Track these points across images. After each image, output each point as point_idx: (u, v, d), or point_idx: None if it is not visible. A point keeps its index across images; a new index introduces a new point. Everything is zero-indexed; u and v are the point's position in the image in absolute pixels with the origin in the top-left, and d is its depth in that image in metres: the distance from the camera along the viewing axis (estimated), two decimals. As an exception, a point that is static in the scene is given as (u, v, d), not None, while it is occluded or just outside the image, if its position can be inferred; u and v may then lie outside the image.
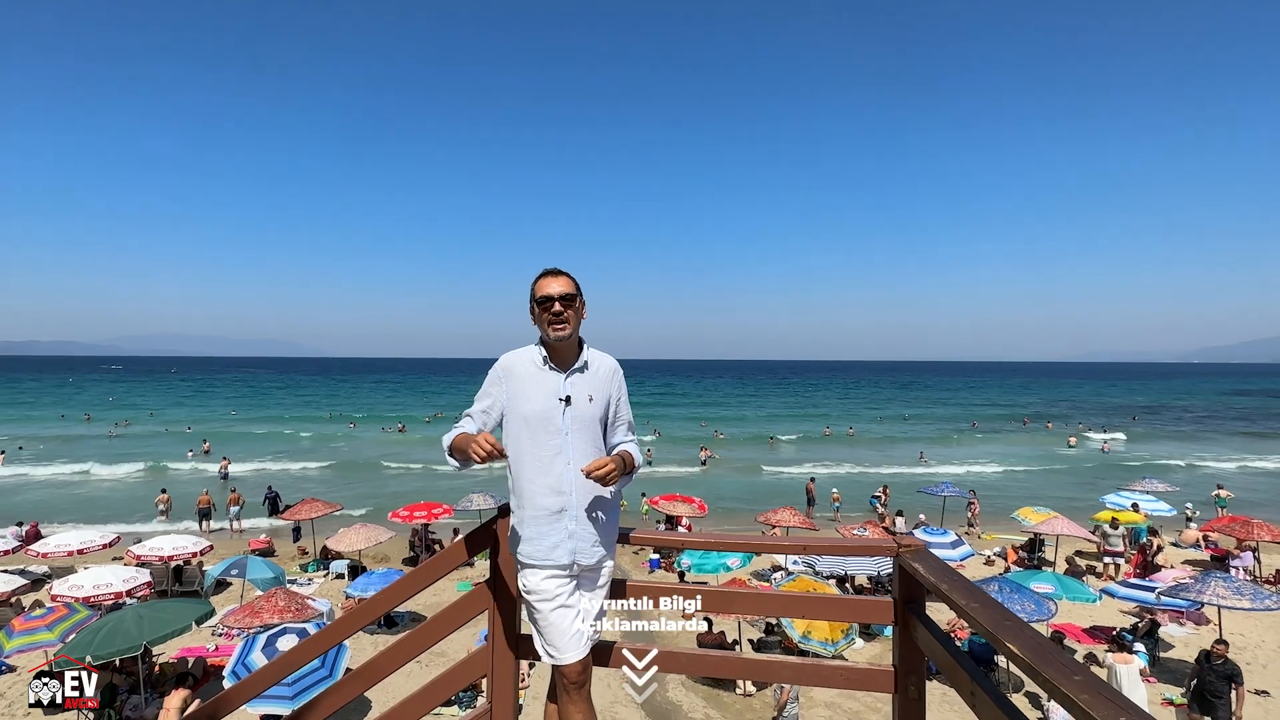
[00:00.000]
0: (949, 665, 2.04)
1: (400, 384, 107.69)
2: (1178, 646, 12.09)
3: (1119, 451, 40.43)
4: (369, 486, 27.76)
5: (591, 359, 2.44)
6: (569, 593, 2.34)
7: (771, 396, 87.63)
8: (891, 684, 2.37)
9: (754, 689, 10.62)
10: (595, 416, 2.38)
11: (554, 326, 2.32)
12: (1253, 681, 10.74)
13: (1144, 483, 22.05)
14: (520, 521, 2.35)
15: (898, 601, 2.34)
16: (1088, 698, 1.31)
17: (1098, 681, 1.38)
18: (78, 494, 26.25)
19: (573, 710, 2.33)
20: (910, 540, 2.37)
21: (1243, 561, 15.88)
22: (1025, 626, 1.70)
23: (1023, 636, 1.61)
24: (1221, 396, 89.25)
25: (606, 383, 2.44)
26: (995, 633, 1.66)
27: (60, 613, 10.17)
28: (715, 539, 3.58)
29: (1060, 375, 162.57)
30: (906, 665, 2.35)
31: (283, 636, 9.44)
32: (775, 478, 31.04)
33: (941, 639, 2.15)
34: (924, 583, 2.13)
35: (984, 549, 18.01)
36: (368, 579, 13.11)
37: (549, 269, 2.41)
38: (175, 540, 14.70)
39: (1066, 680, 1.38)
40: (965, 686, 1.89)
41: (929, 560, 2.22)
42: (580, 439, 2.34)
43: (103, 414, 54.09)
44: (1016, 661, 1.55)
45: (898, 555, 2.31)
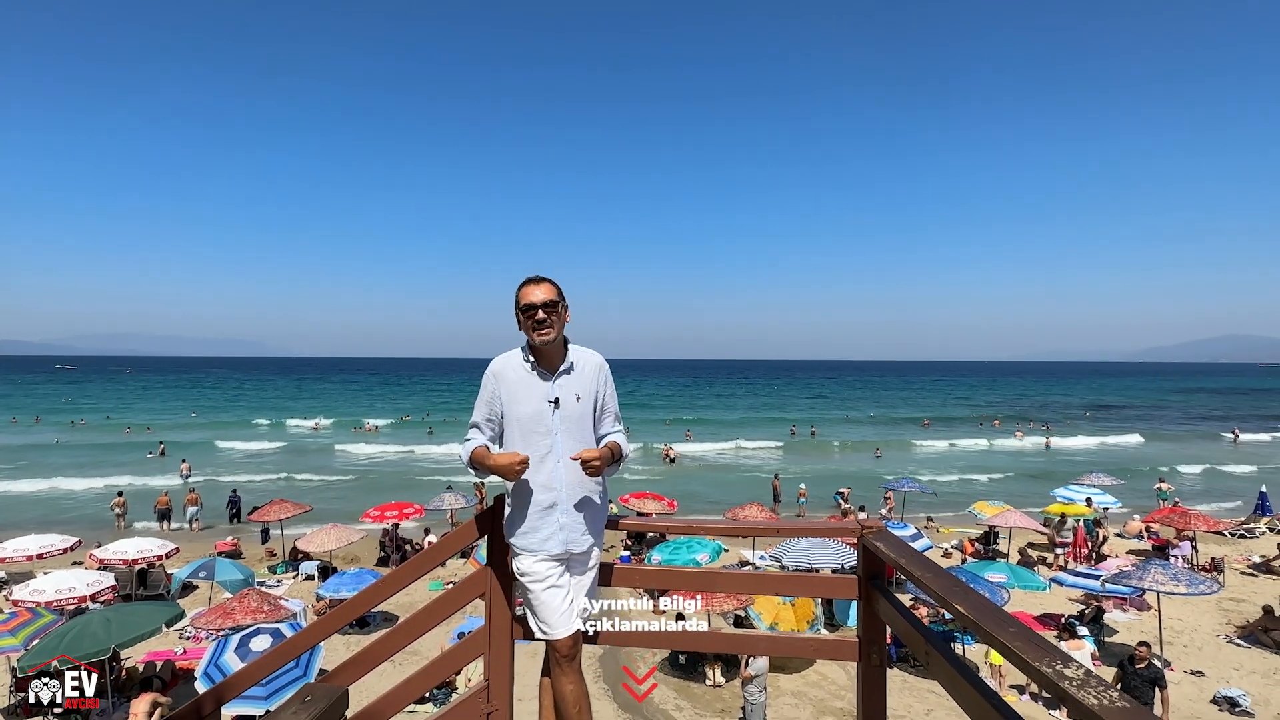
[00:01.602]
0: (907, 631, 2.32)
1: (369, 385, 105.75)
2: (1121, 631, 12.76)
3: (1068, 447, 42.01)
4: (337, 488, 27.44)
5: (577, 359, 2.58)
6: (559, 574, 2.53)
7: (739, 396, 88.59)
8: (856, 653, 2.65)
9: (723, 680, 10.93)
10: (583, 414, 2.55)
11: (538, 332, 2.47)
12: (1189, 663, 11.45)
13: (1091, 477, 23.08)
14: (514, 514, 2.55)
15: (861, 578, 2.62)
16: (1020, 644, 1.58)
17: (1030, 632, 1.66)
18: (31, 499, 25.39)
19: (564, 681, 2.55)
20: (872, 522, 2.65)
21: (1182, 551, 16.77)
22: (971, 591, 1.98)
23: (968, 599, 1.88)
24: (1165, 395, 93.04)
25: (593, 379, 2.59)
26: (946, 597, 1.94)
27: (23, 617, 9.96)
28: (696, 524, 3.79)
29: (1010, 374, 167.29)
30: (869, 635, 2.62)
31: (256, 637, 9.43)
32: (741, 475, 31.50)
33: (900, 609, 2.42)
34: (884, 558, 2.41)
35: (942, 542, 18.68)
36: (339, 579, 13.08)
37: (531, 277, 2.52)
38: (140, 543, 14.40)
39: (1003, 631, 1.66)
40: (921, 648, 2.17)
41: (889, 539, 2.49)
42: (569, 437, 2.51)
43: (55, 416, 52.13)
44: (962, 619, 1.82)
45: (861, 535, 2.59)
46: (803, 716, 9.99)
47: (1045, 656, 1.51)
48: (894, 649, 11.43)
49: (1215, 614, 13.57)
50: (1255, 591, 14.66)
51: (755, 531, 6.89)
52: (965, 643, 11.59)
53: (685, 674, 11.14)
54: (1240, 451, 40.01)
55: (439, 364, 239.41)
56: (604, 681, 10.74)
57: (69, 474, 29.60)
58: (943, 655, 2.06)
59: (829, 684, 10.78)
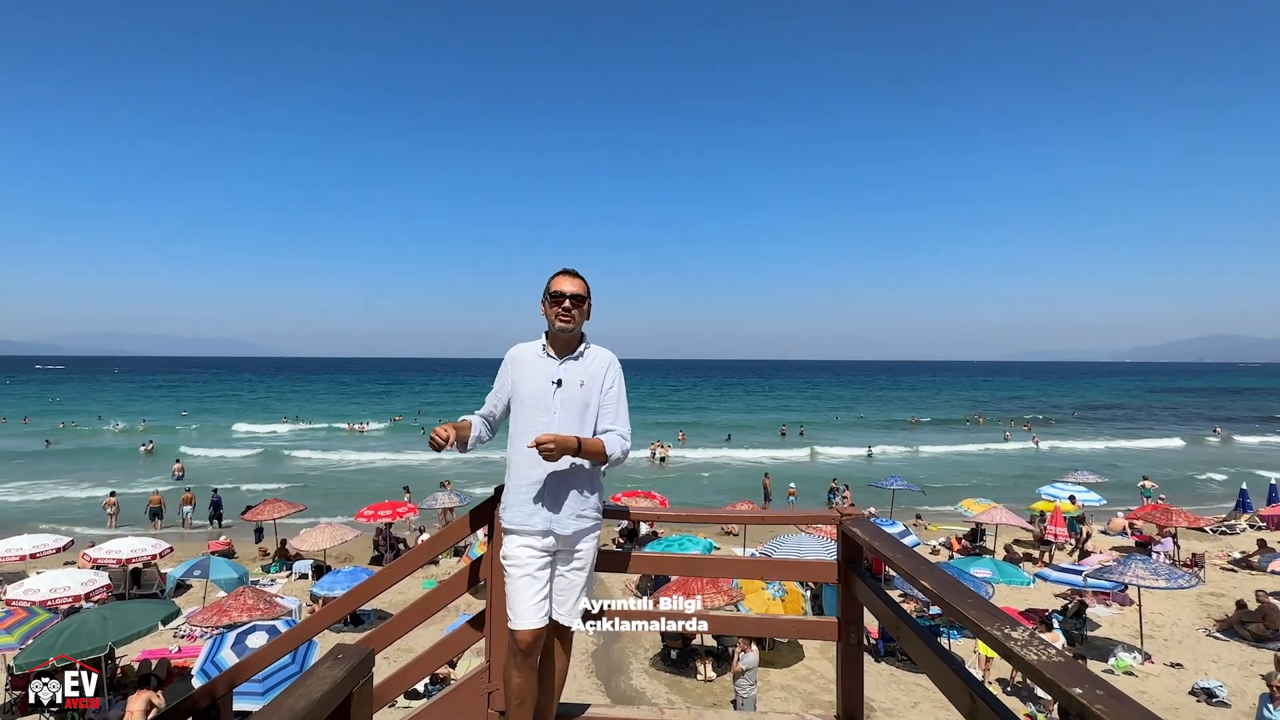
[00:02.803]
0: (881, 610, 2.49)
1: (360, 385, 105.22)
2: (1103, 626, 13.03)
3: (1054, 446, 42.51)
4: (328, 488, 27.44)
5: (590, 351, 2.72)
6: (539, 565, 2.58)
7: (729, 396, 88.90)
8: (835, 632, 2.83)
9: (714, 674, 11.11)
10: (585, 401, 2.63)
11: (560, 319, 2.63)
12: (1168, 655, 11.73)
13: (1076, 475, 23.44)
14: (507, 491, 2.67)
15: (841, 562, 2.80)
16: (976, 613, 1.76)
17: (986, 603, 1.83)
18: (22, 499, 25.29)
19: (513, 673, 2.58)
20: (851, 510, 2.83)
21: (1164, 547, 17.10)
22: (937, 569, 2.16)
23: (934, 576, 2.07)
24: (1150, 394, 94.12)
25: (600, 371, 2.68)
26: (914, 575, 2.11)
27: (19, 616, 10.00)
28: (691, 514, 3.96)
29: (997, 374, 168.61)
30: (848, 615, 2.80)
31: (252, 634, 9.51)
32: (732, 474, 31.78)
33: (876, 590, 2.60)
34: (861, 543, 2.59)
35: (930, 539, 18.95)
36: (334, 578, 13.17)
37: (567, 269, 2.71)
38: (133, 542, 14.45)
39: (962, 602, 1.83)
40: (893, 623, 2.35)
41: (866, 525, 2.67)
42: (566, 419, 2.60)
43: (44, 417, 51.71)
44: (928, 594, 2.00)
45: (841, 522, 2.76)
46: (792, 709, 10.18)
47: (996, 623, 1.69)
48: (881, 644, 11.67)
49: (1195, 608, 13.87)
50: (1235, 586, 14.96)
51: (745, 519, 7.42)
52: (951, 637, 11.83)
53: (676, 669, 11.32)
54: (1223, 450, 40.65)
55: (431, 364, 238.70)
56: (596, 676, 10.92)
57: (59, 475, 29.53)
58: (912, 629, 2.24)
59: (818, 678, 10.98)
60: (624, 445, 2.65)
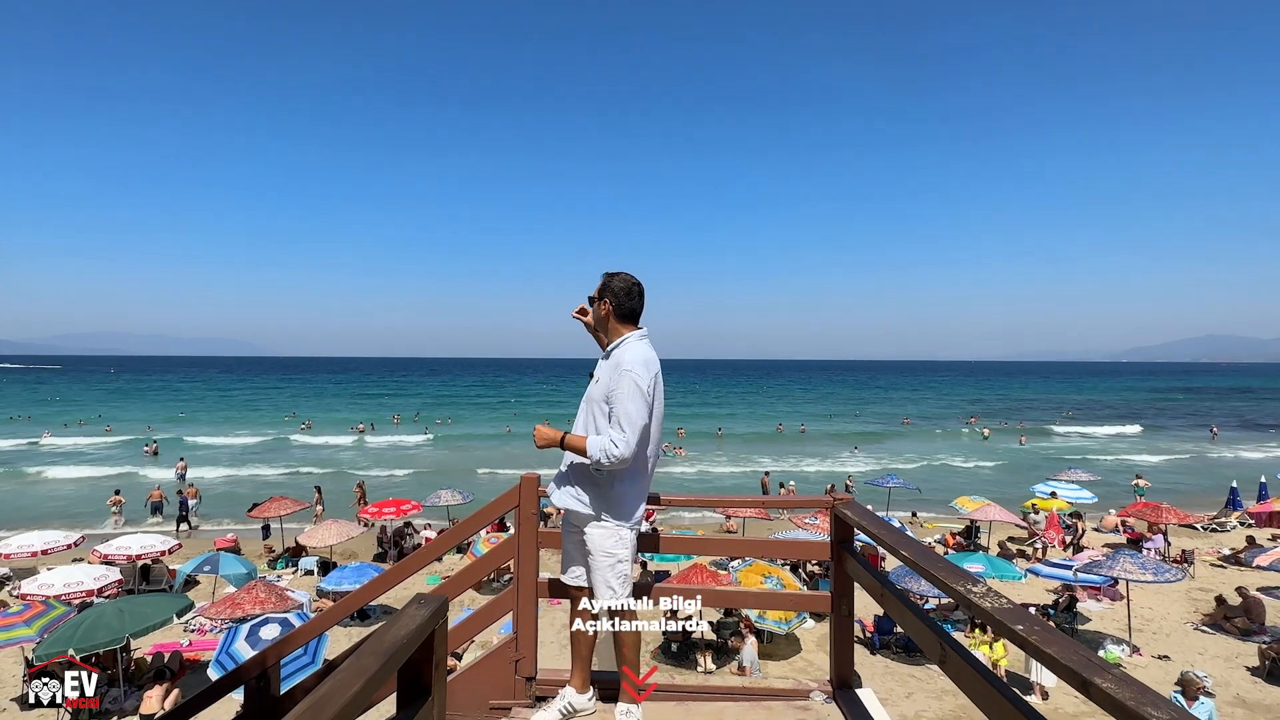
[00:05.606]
0: (869, 582, 2.79)
1: (361, 384, 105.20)
2: (1094, 620, 13.35)
3: (1049, 444, 42.90)
4: (330, 486, 27.69)
5: (616, 352, 2.86)
6: (569, 530, 3.00)
7: (728, 395, 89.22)
8: (829, 605, 3.13)
9: (714, 667, 11.39)
10: (597, 398, 2.83)
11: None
12: (1157, 648, 12.04)
13: (1070, 473, 23.79)
14: None
15: (833, 541, 3.10)
16: (943, 573, 2.05)
17: (954, 566, 2.13)
18: (29, 497, 25.56)
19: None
20: (842, 495, 3.13)
21: (1155, 543, 17.43)
22: (916, 542, 2.46)
23: (911, 546, 2.36)
24: (1145, 393, 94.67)
25: (611, 372, 2.82)
26: (897, 547, 2.41)
27: (37, 609, 10.27)
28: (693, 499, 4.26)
29: (994, 374, 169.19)
30: (840, 590, 3.10)
31: (265, 626, 9.78)
32: (731, 472, 32.10)
33: (865, 565, 2.90)
34: (851, 523, 2.89)
35: (925, 536, 19.28)
36: (341, 573, 13.44)
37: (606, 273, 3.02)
38: (143, 539, 14.72)
39: (933, 565, 2.13)
40: (878, 591, 2.64)
41: (856, 507, 2.97)
42: (584, 411, 2.91)
43: (45, 416, 51.88)
44: (909, 564, 2.29)
45: (833, 505, 3.06)
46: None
47: (961, 580, 1.98)
48: (877, 637, 11.97)
49: (1184, 603, 14.20)
50: (1223, 582, 15.29)
51: (746, 503, 8.04)
52: (949, 631, 12.15)
53: (677, 661, 11.59)
54: (1216, 449, 41.02)
55: (431, 364, 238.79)
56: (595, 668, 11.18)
57: (64, 473, 29.86)
58: (893, 594, 2.53)
59: (815, 670, 11.26)
60: (607, 449, 2.66)
